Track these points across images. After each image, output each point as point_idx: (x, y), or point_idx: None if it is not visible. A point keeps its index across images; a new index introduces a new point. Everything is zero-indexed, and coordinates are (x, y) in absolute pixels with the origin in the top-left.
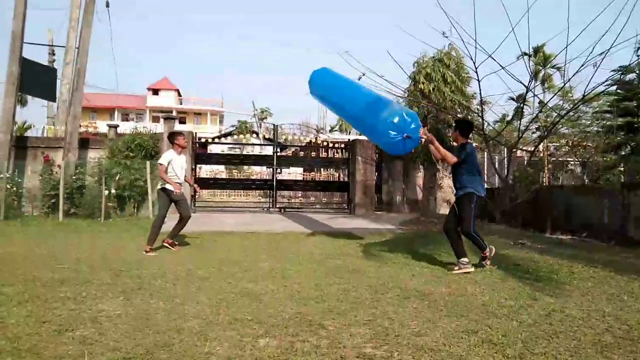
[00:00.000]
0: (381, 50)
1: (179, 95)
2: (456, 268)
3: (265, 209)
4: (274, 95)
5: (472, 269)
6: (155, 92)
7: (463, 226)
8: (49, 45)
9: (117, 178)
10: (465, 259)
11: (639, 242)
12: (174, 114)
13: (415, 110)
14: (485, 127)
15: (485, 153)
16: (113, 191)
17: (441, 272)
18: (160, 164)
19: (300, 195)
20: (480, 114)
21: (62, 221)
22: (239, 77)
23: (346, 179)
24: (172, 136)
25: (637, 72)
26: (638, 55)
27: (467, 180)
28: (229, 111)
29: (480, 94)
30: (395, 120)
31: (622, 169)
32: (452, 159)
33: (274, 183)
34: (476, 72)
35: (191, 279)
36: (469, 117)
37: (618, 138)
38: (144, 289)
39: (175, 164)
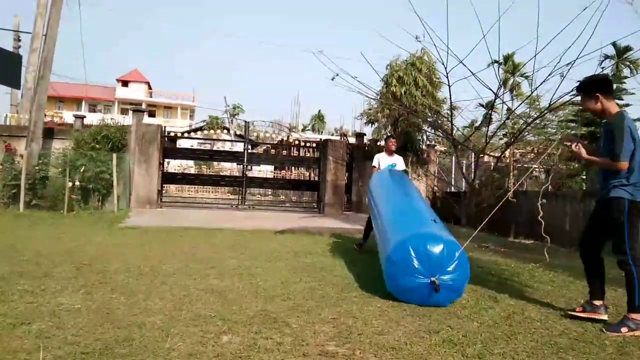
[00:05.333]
0: (355, 52)
1: (150, 87)
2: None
3: (234, 206)
4: (247, 93)
5: (606, 317)
6: (125, 83)
7: (615, 248)
8: (14, 30)
9: (82, 170)
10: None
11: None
12: (144, 106)
13: (387, 113)
14: (454, 132)
15: (453, 157)
16: (77, 183)
17: None
18: (373, 166)
19: (270, 193)
20: (450, 119)
21: (23, 212)
22: (212, 73)
23: (317, 179)
24: (385, 140)
25: None
26: (602, 68)
27: (630, 171)
28: (200, 106)
29: (451, 99)
30: (410, 255)
31: (584, 176)
32: (611, 164)
33: (244, 180)
34: (447, 77)
35: (155, 274)
36: (439, 121)
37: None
38: (105, 284)
39: (382, 164)
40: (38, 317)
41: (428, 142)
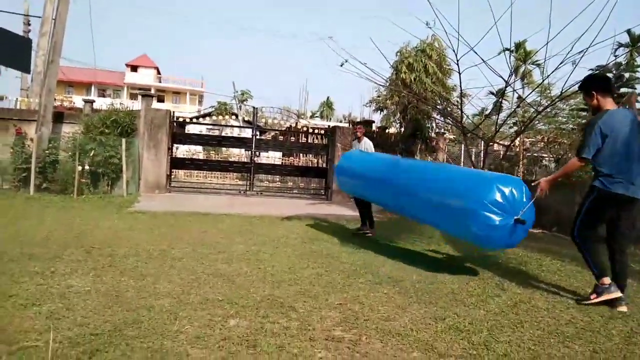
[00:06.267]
0: (364, 37)
1: (158, 73)
2: (592, 296)
3: (242, 192)
4: (256, 79)
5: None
6: (134, 68)
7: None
8: (24, 15)
9: (91, 154)
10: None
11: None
12: (153, 91)
13: (396, 100)
14: (464, 120)
15: (462, 145)
16: (87, 167)
17: (413, 258)
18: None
19: (278, 179)
20: (459, 107)
21: (33, 195)
22: (220, 59)
23: (325, 165)
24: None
25: (614, 72)
26: (615, 56)
27: (602, 164)
28: (208, 92)
29: (461, 86)
30: (497, 196)
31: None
32: (575, 163)
33: (252, 166)
34: (457, 65)
35: (164, 258)
36: (449, 109)
37: None
38: (115, 267)
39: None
40: (48, 299)
41: (437, 130)
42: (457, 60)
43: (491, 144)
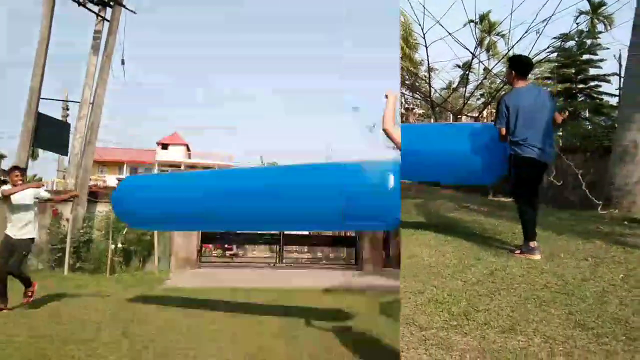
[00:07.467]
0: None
1: (188, 150)
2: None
3: (272, 265)
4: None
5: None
6: (165, 146)
7: None
8: (64, 100)
9: (124, 232)
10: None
11: (573, 203)
12: (182, 168)
13: None
14: (432, 94)
15: (432, 120)
16: (120, 245)
17: None
18: None
19: (306, 250)
20: (427, 81)
21: (67, 275)
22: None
23: (353, 234)
24: None
25: (576, 40)
26: (577, 23)
27: (513, 134)
28: (237, 164)
29: (428, 60)
30: None
31: (560, 133)
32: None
33: (281, 238)
34: (424, 38)
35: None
36: (417, 83)
37: (557, 104)
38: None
39: None
40: None
41: (406, 106)
42: (424, 34)
43: (460, 116)
